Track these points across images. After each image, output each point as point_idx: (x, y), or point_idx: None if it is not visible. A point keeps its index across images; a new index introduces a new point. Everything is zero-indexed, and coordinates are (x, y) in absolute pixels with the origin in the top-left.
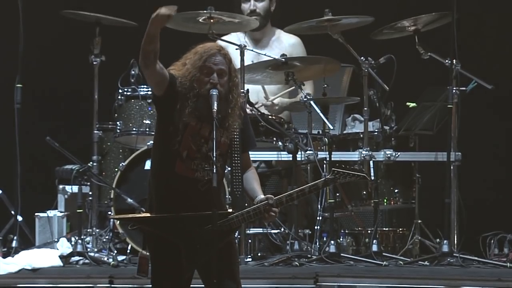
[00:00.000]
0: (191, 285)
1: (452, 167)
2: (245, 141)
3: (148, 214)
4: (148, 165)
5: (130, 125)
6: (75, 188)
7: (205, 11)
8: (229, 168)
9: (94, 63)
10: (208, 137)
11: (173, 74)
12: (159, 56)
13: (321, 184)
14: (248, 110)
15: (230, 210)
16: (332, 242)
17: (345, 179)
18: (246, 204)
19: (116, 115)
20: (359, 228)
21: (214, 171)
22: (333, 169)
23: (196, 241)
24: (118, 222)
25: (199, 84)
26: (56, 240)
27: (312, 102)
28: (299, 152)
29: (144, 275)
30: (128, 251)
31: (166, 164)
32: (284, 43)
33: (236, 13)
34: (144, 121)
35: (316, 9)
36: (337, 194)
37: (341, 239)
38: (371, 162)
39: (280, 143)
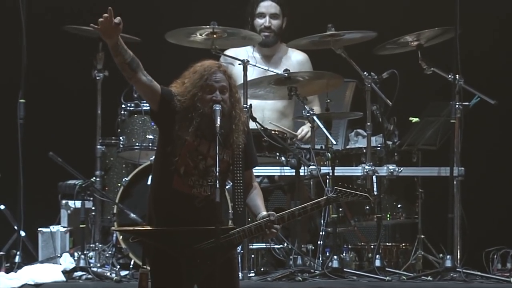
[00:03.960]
0: None
1: (455, 182)
2: (248, 159)
3: (149, 227)
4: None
5: (133, 140)
6: (78, 203)
7: (208, 26)
8: (231, 184)
9: (97, 78)
10: (207, 154)
11: (170, 90)
12: (147, 69)
13: (323, 203)
14: (251, 125)
15: (231, 225)
16: (335, 257)
17: (347, 198)
18: (249, 219)
19: (119, 130)
20: (362, 243)
21: (217, 186)
22: (335, 188)
23: (197, 256)
24: (121, 237)
25: (203, 103)
26: (59, 255)
27: (315, 117)
28: (302, 167)
29: None
30: (131, 266)
31: (164, 179)
32: (292, 60)
33: (245, 27)
34: (147, 136)
35: (319, 24)
36: (340, 209)
37: (344, 254)
38: (374, 177)
39: (283, 158)
